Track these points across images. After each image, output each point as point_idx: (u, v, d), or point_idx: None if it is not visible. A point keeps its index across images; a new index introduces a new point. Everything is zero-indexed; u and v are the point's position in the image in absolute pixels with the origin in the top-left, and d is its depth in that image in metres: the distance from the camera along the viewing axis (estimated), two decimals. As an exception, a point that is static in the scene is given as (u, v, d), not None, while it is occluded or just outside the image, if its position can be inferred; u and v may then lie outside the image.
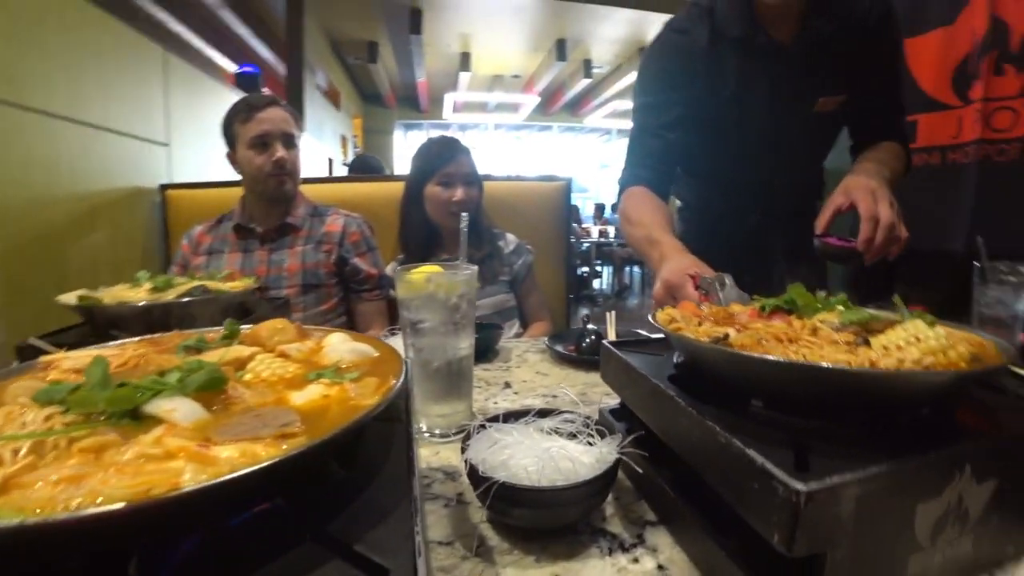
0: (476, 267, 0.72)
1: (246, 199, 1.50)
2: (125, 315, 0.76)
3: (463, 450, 0.52)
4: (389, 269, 1.59)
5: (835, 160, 1.29)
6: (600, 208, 9.67)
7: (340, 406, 0.34)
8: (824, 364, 0.42)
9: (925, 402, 0.44)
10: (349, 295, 1.52)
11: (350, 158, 8.06)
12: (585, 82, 9.05)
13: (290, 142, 1.43)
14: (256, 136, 1.38)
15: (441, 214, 1.50)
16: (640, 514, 0.54)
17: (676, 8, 1.18)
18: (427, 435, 0.70)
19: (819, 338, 0.48)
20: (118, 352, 0.44)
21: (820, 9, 1.01)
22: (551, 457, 0.49)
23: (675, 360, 0.59)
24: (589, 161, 13.22)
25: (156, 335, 0.50)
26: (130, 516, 0.21)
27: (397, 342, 0.91)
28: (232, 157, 1.46)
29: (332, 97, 7.21)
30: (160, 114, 2.01)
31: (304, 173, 1.54)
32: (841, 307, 0.56)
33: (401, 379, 0.37)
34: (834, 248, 0.93)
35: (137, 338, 0.50)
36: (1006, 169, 2.09)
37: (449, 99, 10.25)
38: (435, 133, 1.82)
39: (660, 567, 0.47)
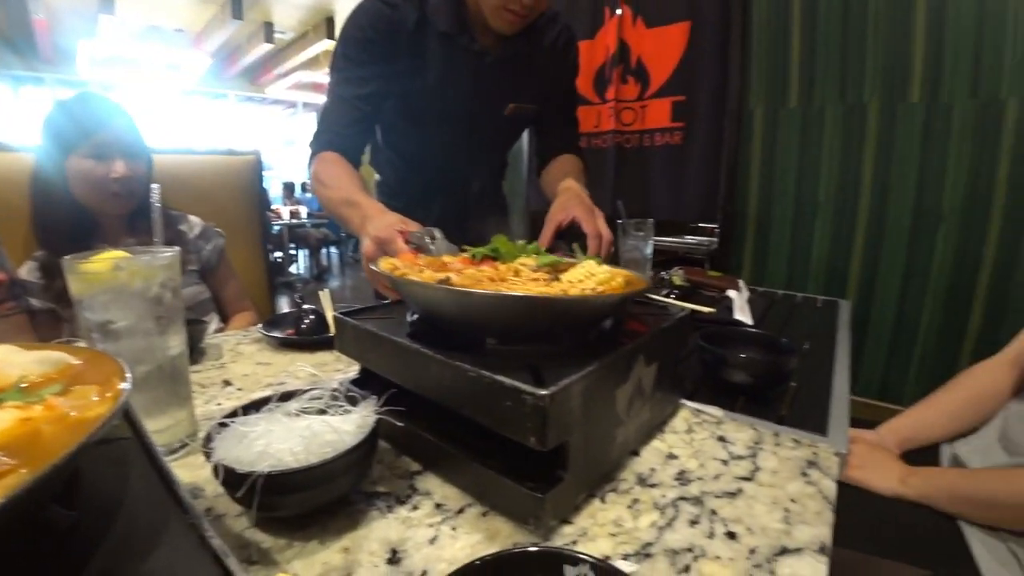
0: (177, 248, 0.60)
1: None
2: None
3: (207, 455, 0.45)
4: (25, 271, 1.19)
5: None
6: (290, 187, 8.92)
7: (56, 426, 0.25)
8: (535, 294, 0.51)
9: (605, 316, 0.58)
10: None
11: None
12: (266, 47, 8.11)
13: None
14: None
15: (95, 195, 1.17)
16: (405, 467, 0.57)
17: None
18: (144, 457, 0.57)
19: (522, 278, 0.58)
20: None
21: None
22: (314, 433, 0.47)
23: (408, 319, 0.62)
24: (273, 136, 11.92)
25: None
26: None
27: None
28: None
29: None
30: None
31: None
32: (535, 253, 0.68)
33: (129, 380, 0.29)
34: None
35: None
36: (632, 153, 2.84)
37: (85, 49, 7.74)
38: (64, 93, 1.38)
39: (438, 505, 0.50)
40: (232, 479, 0.42)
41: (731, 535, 0.46)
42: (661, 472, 0.56)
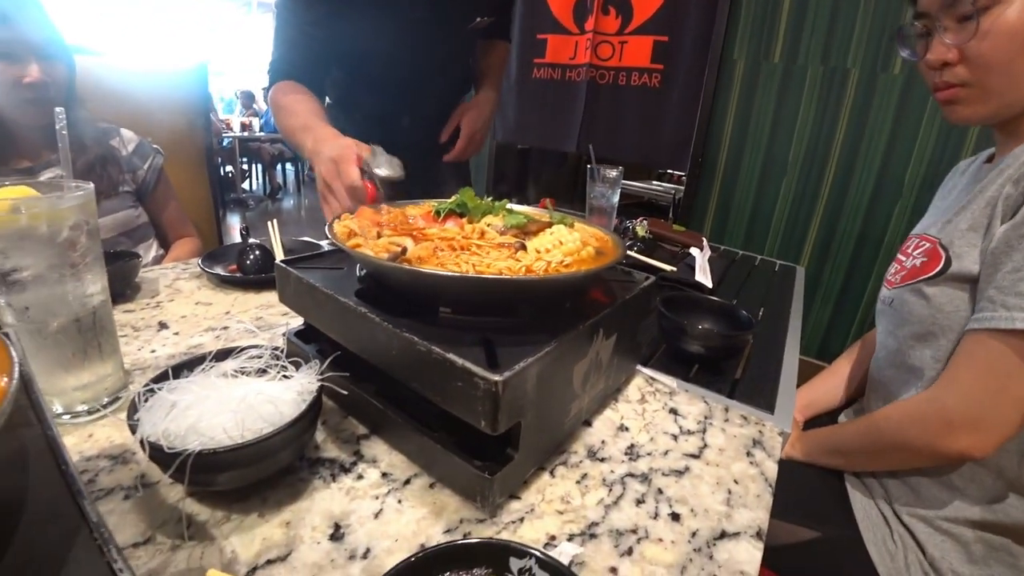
0: (91, 185, 0.53)
1: None
2: None
3: (132, 429, 0.41)
4: None
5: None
6: (248, 97, 8.31)
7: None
8: (487, 276, 0.47)
9: (571, 292, 0.55)
10: None
11: None
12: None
13: None
14: None
15: (7, 103, 1.03)
16: (351, 430, 0.55)
17: None
18: (68, 417, 0.53)
19: (486, 242, 0.55)
20: None
21: None
22: (249, 405, 0.43)
23: (359, 273, 0.57)
24: (226, 37, 10.87)
25: None
26: None
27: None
28: None
29: None
30: None
31: None
32: (504, 211, 0.65)
33: (15, 373, 0.25)
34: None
35: None
36: (605, 90, 2.73)
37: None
38: None
39: (384, 474, 0.49)
40: (160, 456, 0.39)
41: (675, 516, 0.47)
42: (611, 445, 0.56)
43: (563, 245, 0.54)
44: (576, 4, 2.72)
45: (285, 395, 0.46)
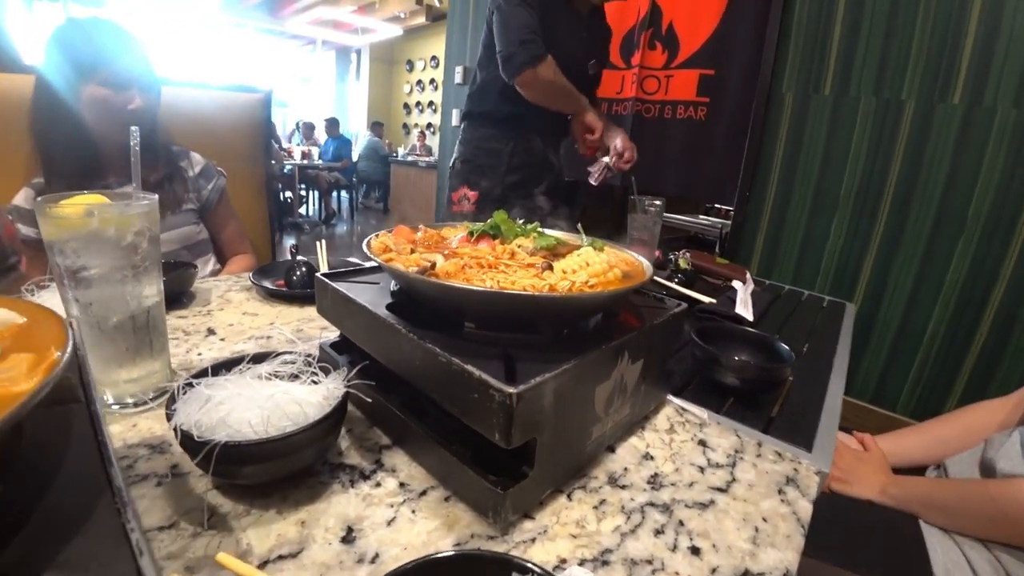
0: (155, 196, 0.58)
1: None
2: None
3: (168, 417, 0.44)
4: (21, 198, 1.17)
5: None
6: (310, 128, 8.82)
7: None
8: (510, 291, 0.48)
9: (594, 313, 0.56)
10: None
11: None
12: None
13: None
14: None
15: (110, 126, 1.14)
16: (375, 440, 0.56)
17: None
18: (116, 407, 0.56)
19: (515, 262, 0.56)
20: None
21: None
22: (276, 404, 0.45)
23: (392, 288, 0.59)
24: (289, 72, 11.84)
25: None
26: None
27: (49, 298, 0.70)
28: None
29: None
30: None
31: None
32: (535, 233, 0.66)
33: (68, 349, 0.28)
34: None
35: None
36: (650, 124, 2.74)
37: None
38: (80, 12, 1.29)
39: (402, 484, 0.49)
40: (190, 444, 0.41)
41: (695, 550, 0.45)
42: (634, 473, 0.54)
43: (590, 266, 0.54)
44: (623, 39, 2.76)
45: (311, 398, 0.48)
